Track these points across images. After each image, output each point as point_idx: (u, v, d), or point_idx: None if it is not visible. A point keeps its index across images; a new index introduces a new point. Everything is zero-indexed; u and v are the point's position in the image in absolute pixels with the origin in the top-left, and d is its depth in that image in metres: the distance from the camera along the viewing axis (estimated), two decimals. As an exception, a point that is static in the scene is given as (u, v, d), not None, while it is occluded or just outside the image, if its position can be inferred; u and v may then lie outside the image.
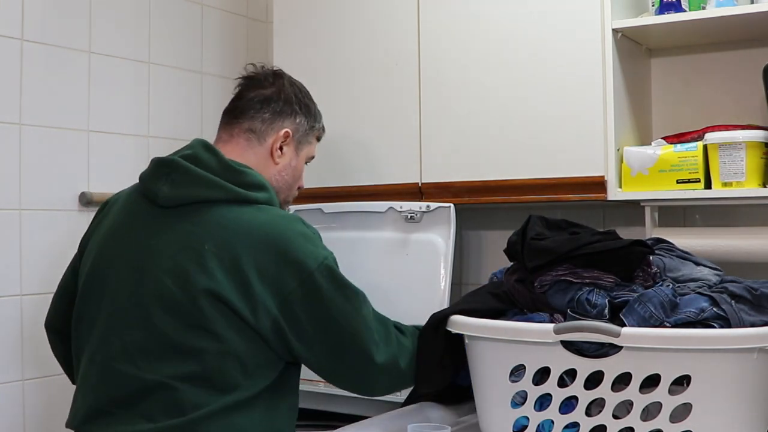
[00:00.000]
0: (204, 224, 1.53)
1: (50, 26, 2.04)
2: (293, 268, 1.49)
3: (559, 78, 1.93)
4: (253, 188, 1.58)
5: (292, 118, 1.75)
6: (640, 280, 1.41)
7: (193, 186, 1.55)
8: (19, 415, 1.95)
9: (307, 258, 1.51)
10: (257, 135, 1.70)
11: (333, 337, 1.52)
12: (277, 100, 1.73)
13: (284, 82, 1.78)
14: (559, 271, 1.40)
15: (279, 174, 1.73)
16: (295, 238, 1.52)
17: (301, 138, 1.77)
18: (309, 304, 1.50)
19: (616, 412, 1.32)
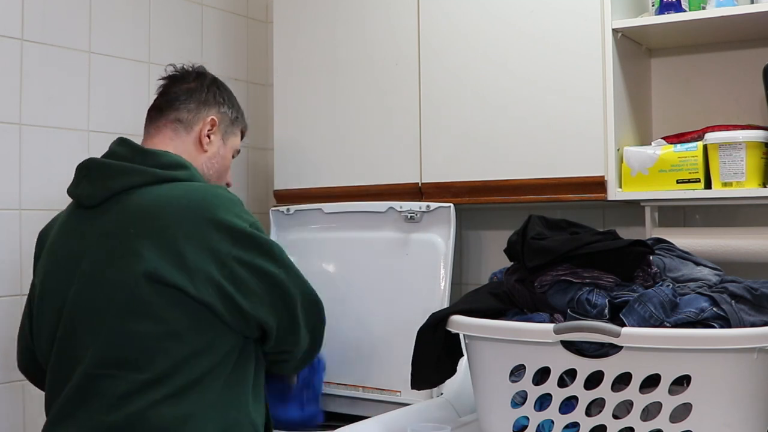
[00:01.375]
0: (125, 210, 1.55)
1: (50, 26, 2.04)
2: (224, 231, 1.52)
3: (559, 78, 1.93)
4: (171, 167, 1.60)
5: (217, 108, 1.78)
6: (640, 280, 1.41)
7: (109, 178, 1.58)
8: (19, 415, 1.95)
9: (235, 219, 1.53)
10: (184, 124, 1.73)
11: (278, 289, 1.56)
12: (201, 92, 1.77)
13: (206, 77, 1.82)
14: (559, 271, 1.40)
15: (209, 161, 1.76)
16: (220, 203, 1.55)
17: (226, 128, 1.80)
18: (247, 262, 1.52)
19: (616, 412, 1.31)
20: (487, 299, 1.50)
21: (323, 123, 2.29)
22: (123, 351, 1.49)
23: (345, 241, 2.20)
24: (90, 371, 1.50)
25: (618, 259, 1.40)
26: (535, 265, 1.42)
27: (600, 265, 1.40)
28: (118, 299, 1.50)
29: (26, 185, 1.99)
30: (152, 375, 1.47)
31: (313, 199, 2.27)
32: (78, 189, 1.63)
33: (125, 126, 2.18)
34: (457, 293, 2.16)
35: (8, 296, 1.95)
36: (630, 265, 1.41)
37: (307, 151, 2.32)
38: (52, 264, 1.63)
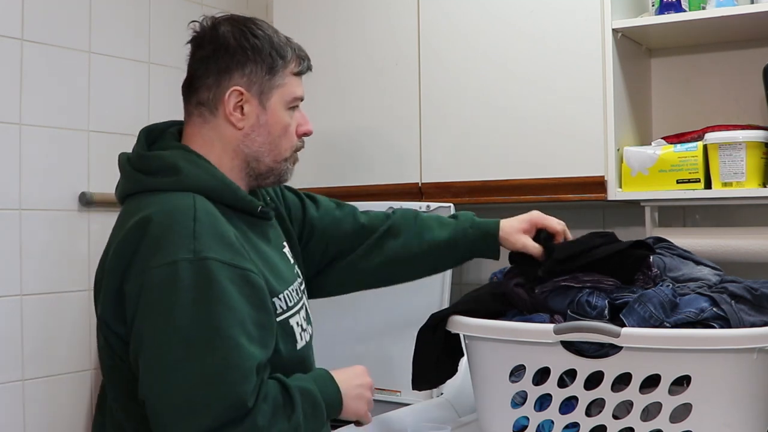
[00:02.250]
0: (116, 221, 1.40)
1: (50, 26, 2.04)
2: (138, 265, 1.28)
3: (559, 78, 1.93)
4: (160, 173, 1.37)
5: (240, 71, 1.42)
6: (640, 283, 1.41)
7: (120, 182, 1.44)
8: (19, 415, 1.95)
9: (152, 255, 1.26)
10: (208, 107, 1.43)
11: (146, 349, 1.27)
12: (215, 58, 1.41)
13: (220, 31, 1.43)
14: (560, 276, 1.40)
15: (247, 138, 1.44)
16: (151, 235, 1.28)
17: (263, 86, 1.44)
18: (135, 301, 1.28)
19: (616, 412, 1.31)
20: (487, 299, 1.49)
21: (323, 123, 2.29)
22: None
23: (345, 241, 2.19)
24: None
25: (619, 263, 1.40)
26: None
27: (601, 269, 1.40)
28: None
29: (26, 185, 1.99)
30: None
31: (313, 199, 2.27)
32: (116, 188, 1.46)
33: (125, 126, 2.18)
34: (457, 293, 2.16)
35: (8, 296, 1.95)
36: (630, 268, 1.41)
37: (307, 151, 2.31)
38: None
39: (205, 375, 1.21)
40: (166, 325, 1.23)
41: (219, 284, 1.25)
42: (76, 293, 2.07)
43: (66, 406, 2.04)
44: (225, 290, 1.26)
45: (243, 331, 1.26)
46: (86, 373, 2.06)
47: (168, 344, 1.23)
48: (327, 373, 1.40)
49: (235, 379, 1.22)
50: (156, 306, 1.25)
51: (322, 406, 1.34)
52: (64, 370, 2.03)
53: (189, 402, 1.21)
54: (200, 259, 1.25)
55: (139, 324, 1.26)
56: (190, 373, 1.21)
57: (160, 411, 1.22)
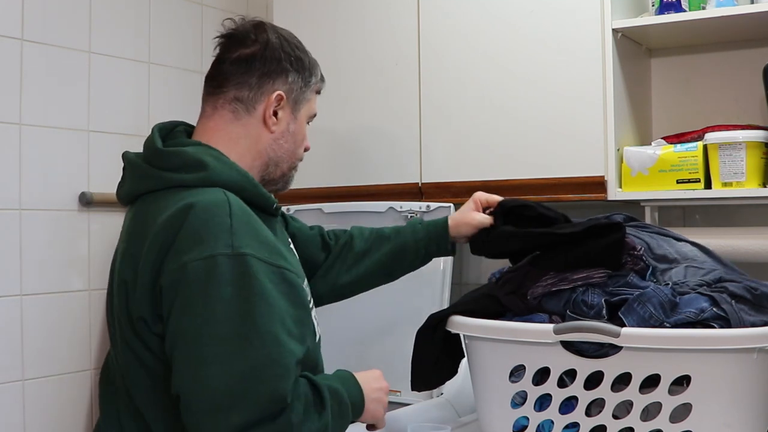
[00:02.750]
0: (134, 218, 1.40)
1: (50, 26, 2.04)
2: (175, 258, 1.27)
3: (559, 78, 1.93)
4: (183, 169, 1.36)
5: (284, 78, 1.49)
6: (630, 265, 1.40)
7: (132, 179, 1.43)
8: (19, 415, 1.95)
9: (190, 248, 1.26)
10: (245, 104, 1.46)
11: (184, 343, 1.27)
12: (263, 60, 1.47)
13: (268, 35, 1.49)
14: (547, 281, 1.40)
15: (276, 143, 1.50)
16: (188, 228, 1.28)
17: (297, 97, 1.51)
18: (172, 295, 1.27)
19: (616, 412, 1.31)
20: (486, 300, 1.50)
21: (323, 123, 2.29)
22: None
23: (345, 241, 2.20)
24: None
25: (600, 251, 1.39)
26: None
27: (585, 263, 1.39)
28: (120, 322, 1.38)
29: (26, 185, 1.99)
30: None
31: (313, 199, 2.27)
32: (117, 187, 1.47)
33: (125, 126, 2.18)
34: (457, 293, 2.16)
35: (8, 296, 1.95)
36: (614, 253, 1.40)
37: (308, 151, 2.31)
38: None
39: (245, 370, 1.21)
40: (206, 320, 1.23)
41: (257, 280, 1.26)
42: (76, 293, 2.07)
43: (66, 406, 2.04)
44: (264, 286, 1.26)
45: (283, 327, 1.26)
46: (86, 373, 2.06)
47: (207, 338, 1.22)
48: (350, 374, 1.42)
49: (276, 374, 1.23)
50: (194, 300, 1.24)
51: (349, 406, 1.36)
52: (64, 370, 2.03)
53: (228, 396, 1.20)
54: (238, 254, 1.26)
55: (176, 319, 1.26)
56: (230, 367, 1.21)
57: (198, 405, 1.22)
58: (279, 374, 1.23)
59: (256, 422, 1.21)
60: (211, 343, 1.22)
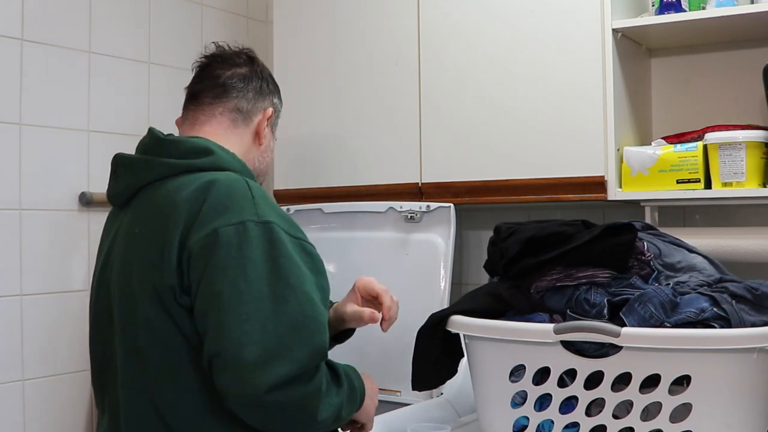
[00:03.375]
0: (139, 208, 1.43)
1: (50, 26, 2.04)
2: (204, 224, 1.32)
3: (559, 78, 1.93)
4: (191, 155, 1.43)
5: (270, 98, 1.62)
6: (636, 270, 1.40)
7: (130, 174, 1.46)
8: (19, 415, 1.95)
9: (219, 216, 1.32)
10: (243, 115, 1.57)
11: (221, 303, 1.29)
12: (257, 79, 1.60)
13: (257, 61, 1.65)
14: (553, 276, 1.40)
15: (261, 155, 1.60)
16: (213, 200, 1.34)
17: (275, 119, 1.65)
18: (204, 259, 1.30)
19: (616, 412, 1.31)
20: (486, 299, 1.49)
21: (323, 123, 2.29)
22: None
23: (345, 241, 2.20)
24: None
25: (608, 252, 1.39)
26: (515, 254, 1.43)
27: (592, 262, 1.39)
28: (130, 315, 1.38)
29: (26, 185, 1.99)
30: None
31: (313, 199, 2.27)
32: (108, 189, 1.51)
33: (125, 126, 2.18)
34: (457, 293, 2.16)
35: (9, 296, 1.95)
36: (622, 255, 1.40)
37: (308, 151, 2.32)
38: (95, 270, 1.53)
39: (285, 325, 1.26)
40: (240, 280, 1.27)
41: (285, 246, 1.32)
42: (76, 293, 2.07)
43: (66, 406, 2.04)
44: (291, 252, 1.33)
45: (312, 289, 1.33)
46: (86, 373, 2.06)
47: (243, 297, 1.27)
48: (354, 368, 1.46)
49: (315, 327, 1.29)
50: (229, 263, 1.28)
51: (358, 393, 1.42)
52: (64, 370, 2.03)
53: (270, 351, 1.24)
54: (265, 222, 1.33)
55: (211, 282, 1.29)
56: (271, 323, 1.26)
57: (239, 362, 1.24)
58: (317, 329, 1.29)
59: (296, 376, 1.25)
60: (250, 300, 1.26)
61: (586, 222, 1.46)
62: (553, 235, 1.42)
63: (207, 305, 1.29)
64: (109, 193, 1.51)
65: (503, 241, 1.47)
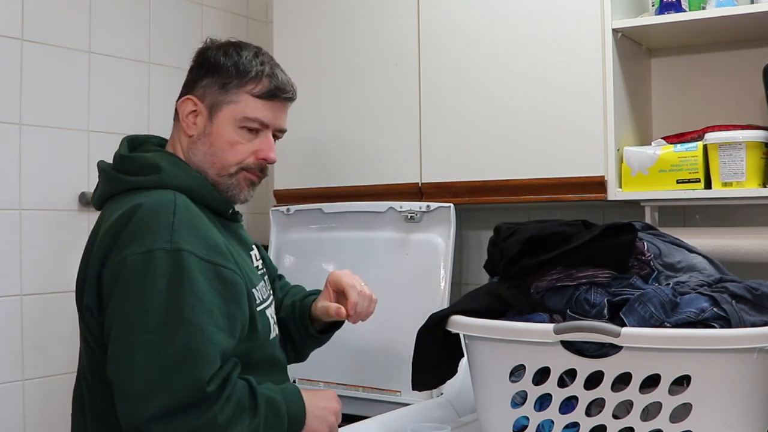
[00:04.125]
0: (97, 219, 1.49)
1: (50, 26, 2.04)
2: (118, 251, 1.35)
3: (559, 78, 1.93)
4: (141, 172, 1.45)
5: (199, 84, 1.52)
6: (636, 270, 1.40)
7: (102, 183, 1.52)
8: (19, 415, 1.95)
9: (131, 243, 1.34)
10: (176, 113, 1.56)
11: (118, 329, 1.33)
12: (191, 71, 1.56)
13: (205, 51, 1.55)
14: (553, 276, 1.40)
15: (194, 146, 1.51)
16: (132, 226, 1.36)
17: (214, 100, 1.51)
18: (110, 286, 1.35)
19: (616, 412, 1.31)
20: (486, 299, 1.49)
21: (323, 123, 2.29)
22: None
23: (345, 241, 2.20)
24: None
25: (608, 252, 1.39)
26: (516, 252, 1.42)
27: (592, 261, 1.39)
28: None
29: (26, 185, 1.99)
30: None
31: (313, 199, 2.27)
32: (93, 194, 1.57)
33: (125, 126, 2.18)
34: (457, 293, 2.16)
35: (8, 296, 1.95)
36: (622, 255, 1.40)
37: (307, 151, 2.32)
38: None
39: (168, 357, 1.28)
40: (137, 309, 1.31)
41: (190, 274, 1.32)
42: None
43: (66, 406, 2.03)
44: (195, 280, 1.33)
45: (210, 319, 1.33)
46: (86, 373, 2.06)
47: (136, 327, 1.30)
48: (296, 389, 1.47)
49: (196, 362, 1.29)
50: (129, 290, 1.32)
51: (285, 418, 1.40)
52: (64, 370, 2.03)
53: (152, 382, 1.27)
54: (175, 249, 1.33)
55: (112, 307, 1.34)
56: (155, 354, 1.28)
57: (125, 390, 1.28)
58: (199, 362, 1.29)
59: (176, 409, 1.26)
60: (140, 331, 1.29)
61: (586, 222, 1.46)
62: (553, 235, 1.42)
63: (108, 330, 1.34)
64: (92, 197, 1.58)
65: (503, 241, 1.47)
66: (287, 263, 2.29)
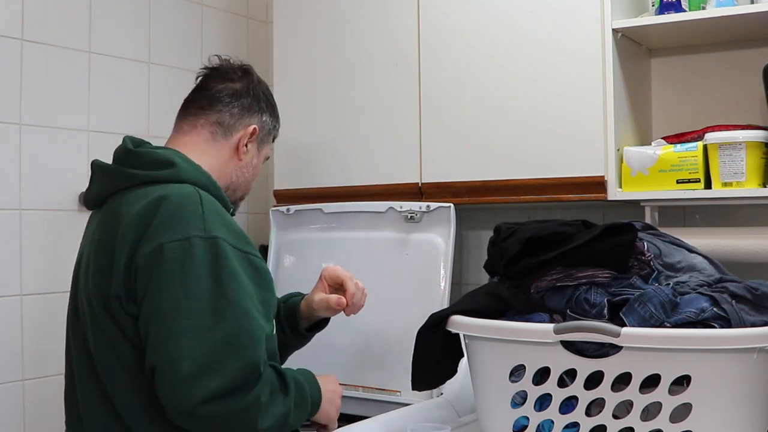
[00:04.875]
0: (103, 215, 1.49)
1: (50, 26, 2.04)
2: (152, 239, 1.38)
3: (559, 78, 1.93)
4: (153, 167, 1.49)
5: (259, 116, 1.67)
6: (636, 270, 1.40)
7: (101, 181, 1.53)
8: (19, 415, 1.95)
9: (165, 231, 1.37)
10: (224, 128, 1.62)
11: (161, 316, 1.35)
12: (247, 96, 1.65)
13: (253, 77, 1.70)
14: (553, 276, 1.40)
15: (240, 170, 1.65)
16: (162, 215, 1.39)
17: (264, 137, 1.69)
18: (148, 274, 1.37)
19: (616, 412, 1.31)
20: (486, 299, 1.49)
21: (323, 123, 2.29)
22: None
23: (345, 241, 2.20)
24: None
25: (608, 252, 1.39)
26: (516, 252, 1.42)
27: (592, 262, 1.39)
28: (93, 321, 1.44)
29: (26, 185, 1.99)
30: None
31: (313, 199, 2.27)
32: (84, 194, 1.60)
33: (125, 126, 2.18)
34: (457, 293, 2.16)
35: (8, 296, 1.95)
36: (622, 255, 1.40)
37: (307, 151, 2.32)
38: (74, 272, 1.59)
39: (218, 340, 1.31)
40: (181, 295, 1.33)
41: (229, 261, 1.37)
42: (76, 293, 2.07)
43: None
44: (234, 267, 1.38)
45: (252, 304, 1.37)
46: (86, 373, 2.06)
47: (181, 312, 1.32)
48: (311, 373, 1.53)
49: (248, 343, 1.33)
50: (172, 278, 1.34)
51: (309, 399, 1.47)
52: (63, 370, 2.03)
53: (204, 365, 1.29)
54: (211, 237, 1.38)
55: (153, 296, 1.35)
56: (204, 338, 1.31)
57: (176, 375, 1.29)
58: (251, 344, 1.33)
59: (229, 391, 1.30)
60: (188, 316, 1.32)
61: (586, 222, 1.46)
62: (553, 235, 1.42)
63: (148, 319, 1.35)
64: (85, 197, 1.59)
65: (503, 241, 1.47)
66: (287, 263, 2.29)
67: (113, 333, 1.41)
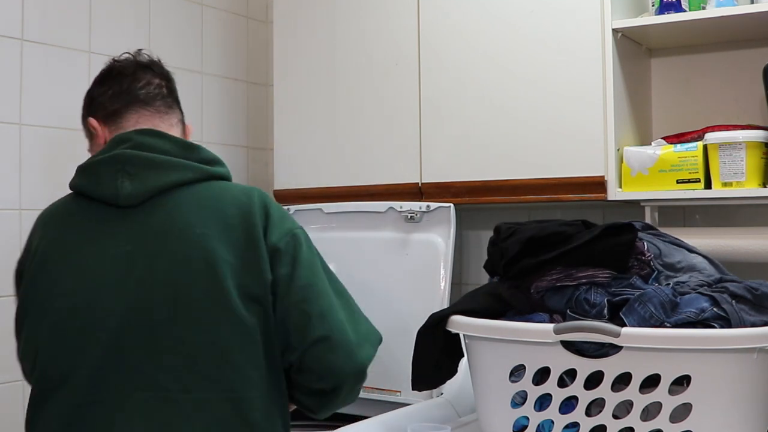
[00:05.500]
0: (171, 209, 1.41)
1: (50, 26, 2.04)
2: (279, 225, 1.46)
3: (559, 78, 1.93)
4: (213, 163, 1.50)
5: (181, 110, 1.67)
6: (636, 270, 1.40)
7: (156, 174, 1.41)
8: (20, 415, 1.95)
9: (285, 220, 1.50)
10: (183, 124, 1.63)
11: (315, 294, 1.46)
12: (174, 95, 1.64)
13: (171, 80, 1.66)
14: (553, 276, 1.40)
15: None
16: (273, 202, 1.52)
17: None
18: (291, 256, 1.45)
19: (616, 412, 1.31)
20: (486, 299, 1.49)
21: (323, 123, 2.29)
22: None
23: (345, 241, 2.20)
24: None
25: (608, 252, 1.39)
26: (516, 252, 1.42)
27: (592, 262, 1.39)
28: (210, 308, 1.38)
29: (26, 185, 1.99)
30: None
31: (313, 199, 2.27)
32: (113, 187, 1.41)
33: (125, 126, 2.17)
34: (457, 293, 2.16)
35: (9, 296, 1.95)
36: (622, 255, 1.40)
37: (307, 151, 2.32)
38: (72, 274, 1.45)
39: (360, 312, 1.53)
40: (324, 275, 1.48)
41: None
42: (76, 293, 2.07)
43: (66, 406, 2.04)
44: None
45: None
46: (86, 373, 2.06)
47: (328, 290, 1.47)
48: None
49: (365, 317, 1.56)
50: (311, 260, 1.48)
51: None
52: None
53: (362, 333, 1.49)
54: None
55: (302, 275, 1.45)
56: (352, 310, 1.51)
57: (349, 342, 1.45)
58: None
59: (376, 350, 1.53)
60: (333, 294, 1.48)
61: (586, 222, 1.46)
62: (553, 235, 1.42)
63: (302, 296, 1.43)
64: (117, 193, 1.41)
65: (503, 241, 1.47)
66: (287, 263, 2.29)
67: (245, 322, 1.39)
